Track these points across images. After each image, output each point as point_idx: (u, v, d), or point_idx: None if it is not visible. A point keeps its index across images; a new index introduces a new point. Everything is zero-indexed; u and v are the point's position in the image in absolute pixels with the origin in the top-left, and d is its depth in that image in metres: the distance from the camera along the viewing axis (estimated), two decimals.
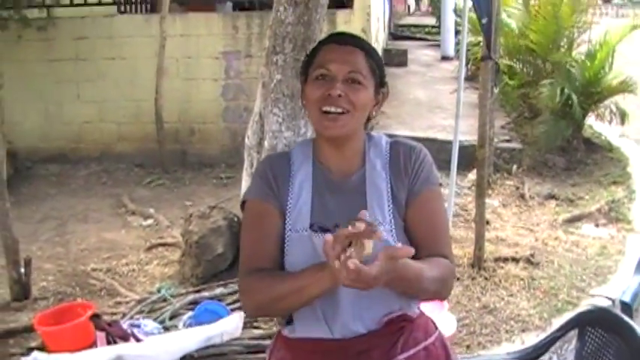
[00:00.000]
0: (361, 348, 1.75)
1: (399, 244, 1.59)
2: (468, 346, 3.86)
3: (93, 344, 3.46)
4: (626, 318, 2.41)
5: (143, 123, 7.31)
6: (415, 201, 1.82)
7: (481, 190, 4.67)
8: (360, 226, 1.45)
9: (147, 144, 7.27)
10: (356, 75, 1.76)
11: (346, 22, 7.32)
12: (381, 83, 1.84)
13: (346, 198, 1.82)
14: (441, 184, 1.91)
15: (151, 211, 6.13)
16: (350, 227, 1.45)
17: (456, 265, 1.89)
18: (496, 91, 5.21)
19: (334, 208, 1.81)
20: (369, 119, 1.87)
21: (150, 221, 5.94)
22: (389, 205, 1.80)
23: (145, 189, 6.78)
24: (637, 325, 2.36)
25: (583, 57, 7.16)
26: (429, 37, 13.31)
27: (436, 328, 1.95)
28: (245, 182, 4.59)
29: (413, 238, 1.80)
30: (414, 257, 1.67)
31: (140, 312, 4.09)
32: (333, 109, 1.75)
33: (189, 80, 7.40)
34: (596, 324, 2.47)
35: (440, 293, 1.80)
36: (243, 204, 1.90)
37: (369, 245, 1.46)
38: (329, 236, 1.46)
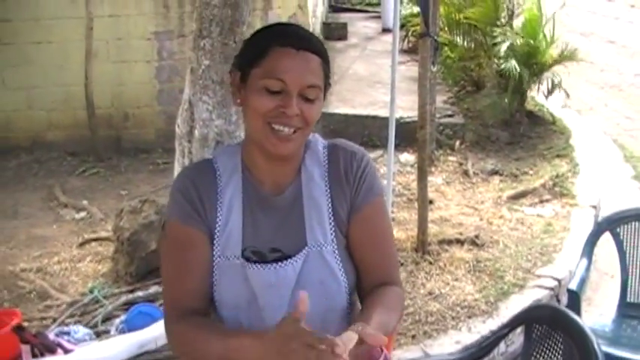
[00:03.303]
0: None
1: (370, 330, 1.40)
2: (413, 336, 3.75)
3: (17, 358, 3.25)
4: (573, 315, 2.34)
5: (74, 109, 6.95)
6: (359, 216, 1.62)
7: (422, 173, 4.53)
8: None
9: (79, 131, 6.93)
10: (313, 90, 1.53)
11: None
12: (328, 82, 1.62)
13: (281, 216, 1.60)
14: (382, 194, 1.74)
15: (84, 202, 5.86)
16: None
17: (404, 290, 1.72)
18: (434, 69, 5.06)
19: (268, 229, 1.59)
20: None
21: (83, 214, 5.66)
22: (330, 223, 1.59)
23: (78, 179, 6.48)
24: (583, 322, 2.29)
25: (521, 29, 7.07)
26: (369, 8, 13.06)
27: (382, 350, 1.80)
28: (177, 172, 4.39)
29: (358, 258, 1.62)
30: (357, 281, 1.57)
31: (71, 316, 3.90)
32: (286, 130, 1.51)
33: (121, 63, 7.07)
34: (543, 321, 2.40)
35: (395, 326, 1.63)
36: (164, 225, 1.65)
37: None
38: None
